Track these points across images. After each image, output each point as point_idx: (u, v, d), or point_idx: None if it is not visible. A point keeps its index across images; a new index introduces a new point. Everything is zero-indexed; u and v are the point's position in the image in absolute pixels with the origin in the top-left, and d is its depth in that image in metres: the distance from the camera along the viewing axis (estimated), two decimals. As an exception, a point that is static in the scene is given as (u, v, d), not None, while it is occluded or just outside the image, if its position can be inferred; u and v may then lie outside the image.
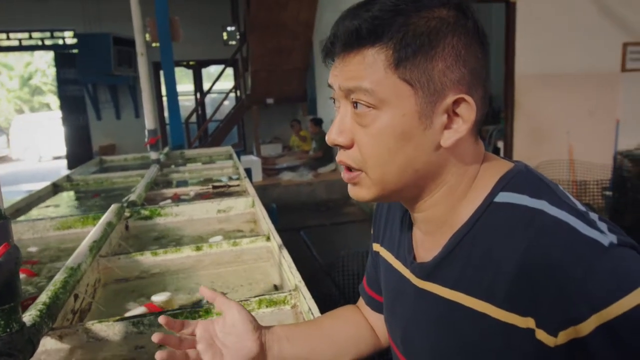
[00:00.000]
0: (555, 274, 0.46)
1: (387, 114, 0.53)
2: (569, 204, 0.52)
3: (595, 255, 0.46)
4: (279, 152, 7.54)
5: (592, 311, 0.44)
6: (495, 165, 0.58)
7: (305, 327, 0.77)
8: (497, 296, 0.51)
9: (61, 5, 8.45)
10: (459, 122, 0.53)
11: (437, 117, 0.53)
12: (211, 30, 8.69)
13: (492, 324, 0.51)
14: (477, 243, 0.54)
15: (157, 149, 2.93)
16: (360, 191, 0.58)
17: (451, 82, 0.52)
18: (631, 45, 4.75)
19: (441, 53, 0.51)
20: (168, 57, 3.97)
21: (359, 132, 0.55)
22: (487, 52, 0.55)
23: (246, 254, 1.41)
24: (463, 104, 0.53)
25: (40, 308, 0.87)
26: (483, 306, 0.52)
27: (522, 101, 4.69)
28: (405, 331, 0.65)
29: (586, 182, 4.48)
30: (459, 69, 0.52)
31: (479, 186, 0.56)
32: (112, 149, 8.83)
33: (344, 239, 4.53)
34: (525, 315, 0.48)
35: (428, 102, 0.52)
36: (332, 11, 5.81)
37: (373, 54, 0.52)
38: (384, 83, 0.52)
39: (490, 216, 0.54)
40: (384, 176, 0.55)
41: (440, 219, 0.58)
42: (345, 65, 0.54)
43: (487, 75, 0.56)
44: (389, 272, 0.70)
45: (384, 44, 0.51)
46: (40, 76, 18.20)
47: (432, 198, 0.58)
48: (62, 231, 1.69)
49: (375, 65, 0.52)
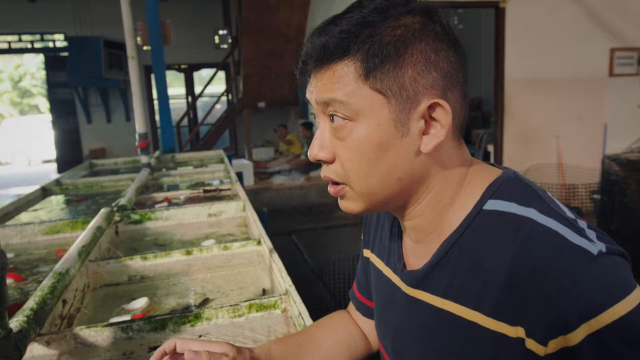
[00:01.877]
0: (544, 283, 0.46)
1: (363, 125, 0.53)
2: (558, 211, 0.52)
3: (584, 264, 0.46)
4: (270, 155, 7.53)
5: (582, 320, 0.44)
6: (484, 171, 0.58)
7: (296, 341, 0.76)
8: (487, 305, 0.51)
9: (51, 7, 8.41)
10: (436, 126, 0.54)
11: (413, 124, 0.53)
12: (203, 33, 8.69)
13: (481, 332, 0.51)
14: (466, 251, 0.54)
15: (148, 152, 2.92)
16: (348, 204, 0.58)
17: (424, 88, 0.52)
18: (618, 50, 4.82)
19: (410, 59, 0.52)
20: (159, 61, 3.95)
21: (338, 145, 0.55)
22: (462, 54, 0.55)
23: (237, 258, 1.41)
24: (438, 108, 0.53)
25: (27, 314, 0.86)
26: (472, 315, 0.52)
27: (511, 105, 4.73)
28: (396, 338, 0.65)
29: (575, 185, 4.53)
30: (430, 74, 0.52)
31: (467, 193, 0.57)
32: (103, 152, 8.78)
33: (335, 243, 4.54)
34: (515, 325, 0.48)
35: (402, 109, 0.52)
36: (323, 15, 5.83)
37: (342, 67, 0.53)
38: (356, 94, 0.52)
39: (479, 224, 0.54)
40: (369, 188, 0.55)
41: (428, 227, 0.59)
42: (318, 81, 0.55)
43: (464, 78, 0.56)
44: (379, 279, 0.70)
45: (352, 56, 0.52)
46: (30, 79, 18.05)
47: (419, 206, 0.58)
48: (51, 236, 1.67)
49: (346, 77, 0.52)
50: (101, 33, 7.77)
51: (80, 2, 7.89)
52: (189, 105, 9.18)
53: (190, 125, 9.24)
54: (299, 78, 0.59)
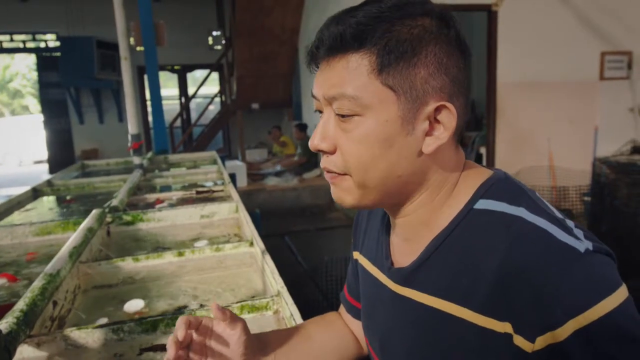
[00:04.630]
0: (532, 279, 0.47)
1: (370, 119, 0.53)
2: (547, 211, 0.53)
3: (572, 261, 0.47)
4: (264, 157, 7.52)
5: (569, 316, 0.45)
6: (475, 173, 0.59)
7: (289, 333, 0.77)
8: (475, 301, 0.51)
9: (44, 7, 8.35)
10: (440, 129, 0.54)
11: (419, 124, 0.54)
12: (197, 34, 8.67)
13: (469, 328, 0.51)
14: (456, 249, 0.55)
15: (141, 153, 2.91)
16: (343, 194, 0.58)
17: (433, 90, 0.53)
18: (609, 54, 4.87)
19: (423, 60, 0.52)
20: (152, 62, 3.94)
21: (341, 137, 0.55)
22: (469, 62, 0.56)
23: (229, 259, 1.41)
24: (444, 111, 0.54)
25: (17, 315, 0.85)
26: (460, 311, 0.53)
27: (504, 108, 4.77)
28: (384, 337, 0.66)
29: (566, 188, 4.56)
30: (441, 77, 0.53)
31: (459, 193, 0.57)
32: (95, 153, 8.72)
33: (328, 244, 4.54)
34: (503, 320, 0.49)
35: (410, 108, 0.53)
36: (317, 17, 5.84)
37: (357, 59, 0.53)
38: (367, 88, 0.52)
39: (469, 222, 0.55)
40: (367, 181, 0.55)
41: (419, 225, 0.59)
42: (329, 71, 0.55)
43: (468, 84, 0.57)
44: (367, 279, 0.71)
45: (368, 49, 0.52)
46: (21, 79, 17.90)
47: (413, 204, 0.58)
48: (42, 237, 1.66)
49: (358, 70, 0.52)
50: (94, 33, 7.72)
51: (72, 2, 7.85)
52: (182, 106, 9.15)
53: (183, 127, 9.20)
54: (307, 66, 0.59)
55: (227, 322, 0.63)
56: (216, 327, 0.64)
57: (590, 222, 3.98)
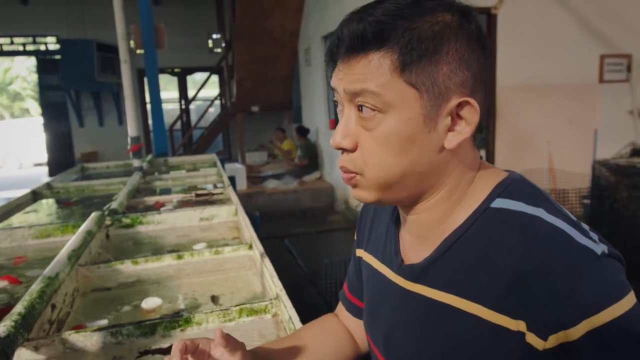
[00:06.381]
0: (549, 278, 0.47)
1: (393, 117, 0.53)
2: (564, 213, 0.53)
3: (589, 262, 0.48)
4: (264, 160, 7.52)
5: (583, 317, 0.46)
6: (491, 173, 0.59)
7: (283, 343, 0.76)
8: (489, 298, 0.51)
9: (44, 10, 8.36)
10: (462, 124, 0.54)
11: (441, 120, 0.54)
12: (197, 37, 8.68)
13: (481, 325, 0.52)
14: (471, 246, 0.55)
15: (140, 156, 2.91)
16: (362, 193, 0.58)
17: (455, 86, 0.53)
18: (608, 57, 4.88)
19: (445, 57, 0.52)
20: (152, 65, 3.95)
21: (363, 135, 0.55)
22: (488, 56, 0.56)
23: (228, 262, 1.41)
24: (467, 106, 0.54)
25: (15, 318, 0.85)
26: (473, 307, 0.53)
27: (503, 111, 4.77)
28: (388, 334, 0.65)
29: (566, 190, 4.56)
30: (463, 73, 0.53)
31: (475, 192, 0.58)
32: (95, 156, 8.72)
33: (328, 247, 4.53)
34: (516, 318, 0.49)
35: (433, 105, 0.53)
36: (317, 20, 5.85)
37: (378, 57, 0.52)
38: (389, 87, 0.52)
39: (486, 220, 0.55)
40: (387, 179, 0.55)
41: (434, 222, 0.59)
42: (350, 69, 0.54)
43: (487, 80, 0.57)
44: (372, 276, 0.70)
45: (390, 48, 0.51)
46: (21, 82, 17.93)
47: (430, 201, 0.58)
48: (41, 239, 1.66)
49: (381, 69, 0.52)
50: (94, 36, 7.72)
51: (73, 5, 7.85)
52: (182, 109, 9.15)
53: (183, 129, 9.20)
54: (326, 65, 0.58)
55: (228, 348, 0.61)
56: (214, 351, 0.62)
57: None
